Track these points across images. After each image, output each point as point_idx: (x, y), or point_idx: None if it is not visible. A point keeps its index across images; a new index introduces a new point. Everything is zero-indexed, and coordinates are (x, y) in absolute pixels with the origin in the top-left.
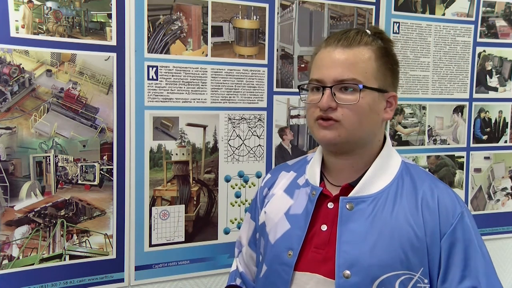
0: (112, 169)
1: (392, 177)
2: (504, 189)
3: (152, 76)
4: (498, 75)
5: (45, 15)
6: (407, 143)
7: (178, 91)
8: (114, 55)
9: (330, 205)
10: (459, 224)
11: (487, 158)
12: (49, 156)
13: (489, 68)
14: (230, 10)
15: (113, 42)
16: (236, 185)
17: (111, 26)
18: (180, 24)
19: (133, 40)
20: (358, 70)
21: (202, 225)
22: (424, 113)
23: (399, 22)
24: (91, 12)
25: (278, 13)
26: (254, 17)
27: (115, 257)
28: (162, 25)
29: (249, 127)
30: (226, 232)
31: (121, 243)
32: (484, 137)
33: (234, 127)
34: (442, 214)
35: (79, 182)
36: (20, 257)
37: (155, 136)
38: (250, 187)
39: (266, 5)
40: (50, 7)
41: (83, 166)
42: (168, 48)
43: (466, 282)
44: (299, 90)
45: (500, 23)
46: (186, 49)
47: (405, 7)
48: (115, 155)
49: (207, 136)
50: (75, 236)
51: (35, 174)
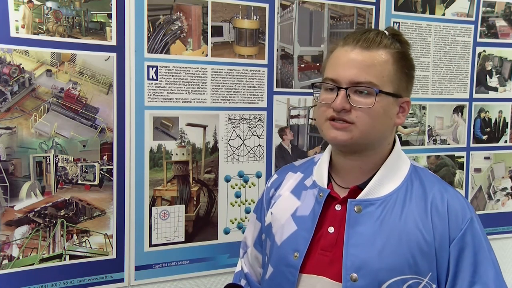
0: (112, 169)
1: (401, 180)
2: (504, 189)
3: (152, 76)
4: (498, 75)
5: (45, 15)
6: (407, 143)
7: (178, 91)
8: (114, 55)
9: (338, 207)
10: (468, 229)
11: (487, 158)
12: (49, 156)
13: (489, 68)
14: (230, 10)
15: (113, 42)
16: (236, 185)
17: (111, 26)
18: (180, 24)
19: (133, 40)
20: (375, 73)
21: (202, 225)
22: (424, 113)
23: (399, 22)
24: (91, 12)
25: (278, 13)
26: (254, 17)
27: (115, 257)
28: (162, 25)
29: (249, 127)
30: (226, 232)
31: (121, 243)
32: (484, 137)
33: (234, 127)
34: (451, 219)
35: (79, 182)
36: (20, 257)
37: (155, 136)
38: (250, 187)
39: (266, 5)
40: (50, 7)
41: (83, 166)
42: (168, 48)
43: None
44: (312, 88)
45: (500, 23)
46: (186, 49)
47: (405, 7)
48: (115, 155)
49: (207, 136)
50: (75, 236)
51: (35, 174)
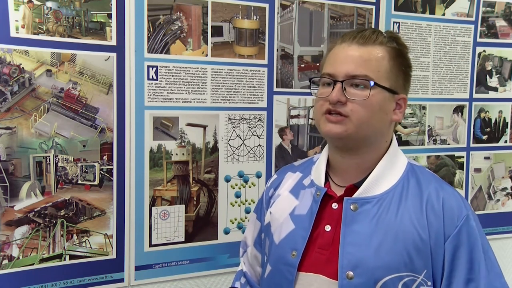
0: (112, 169)
1: (397, 178)
2: (504, 189)
3: (152, 76)
4: (498, 75)
5: (45, 15)
6: (407, 143)
7: (178, 91)
8: (114, 55)
9: (335, 205)
10: (464, 226)
11: (487, 158)
12: (49, 156)
13: (489, 68)
14: (230, 10)
15: (113, 42)
16: (236, 185)
17: (111, 26)
18: (180, 24)
19: (133, 40)
20: (371, 68)
21: (202, 225)
22: (424, 113)
23: (399, 22)
24: (91, 12)
25: (278, 13)
26: (254, 17)
27: (115, 257)
28: (162, 25)
29: (249, 127)
30: (226, 232)
31: (121, 243)
32: (484, 137)
33: (234, 127)
34: (446, 216)
35: (79, 182)
36: (20, 257)
37: (155, 136)
38: (250, 187)
39: (266, 5)
40: (50, 7)
41: (83, 166)
42: (168, 48)
43: (472, 285)
44: (310, 84)
45: (500, 23)
46: (186, 49)
47: (405, 7)
48: (115, 155)
49: (207, 136)
50: (75, 236)
51: (35, 174)
